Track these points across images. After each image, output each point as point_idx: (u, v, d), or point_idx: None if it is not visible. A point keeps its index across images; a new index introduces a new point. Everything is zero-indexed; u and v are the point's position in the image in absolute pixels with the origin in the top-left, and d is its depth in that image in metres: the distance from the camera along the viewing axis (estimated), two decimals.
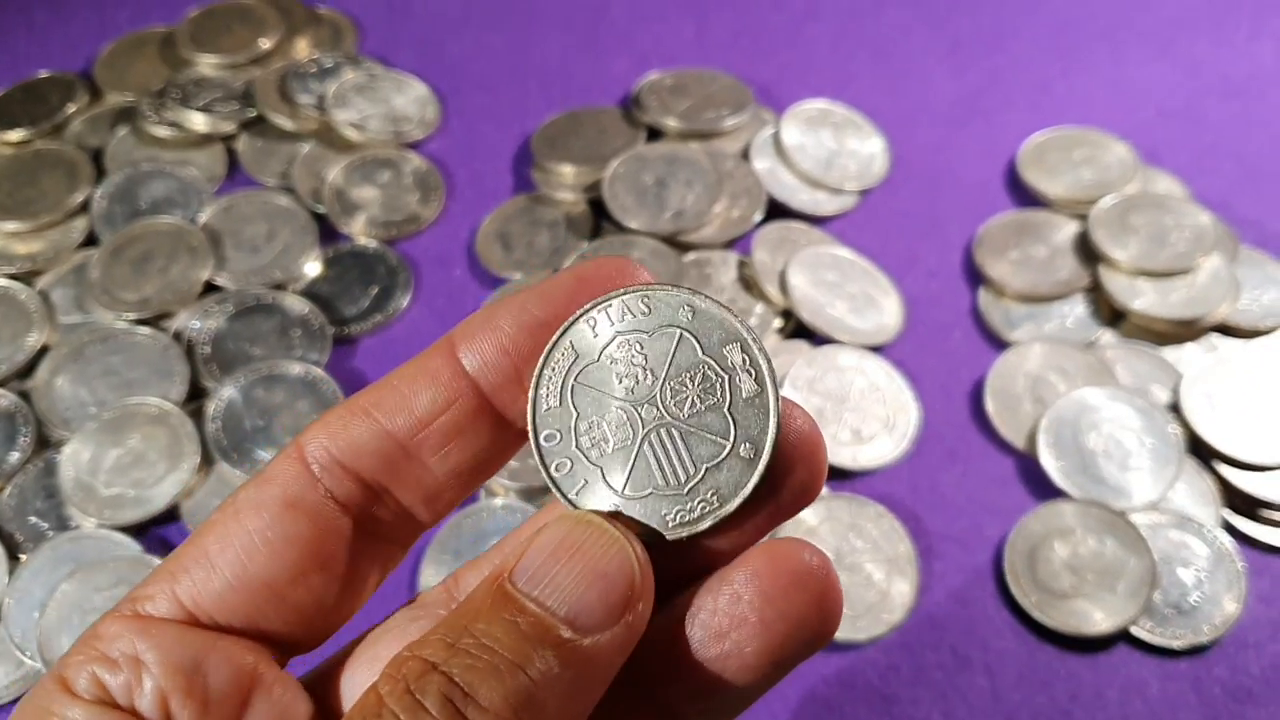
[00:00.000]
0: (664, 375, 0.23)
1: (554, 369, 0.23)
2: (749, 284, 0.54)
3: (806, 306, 0.52)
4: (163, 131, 0.60)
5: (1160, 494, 0.47)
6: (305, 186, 0.58)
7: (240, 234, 0.56)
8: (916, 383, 0.51)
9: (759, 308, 0.53)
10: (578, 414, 0.23)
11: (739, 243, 0.56)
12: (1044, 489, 0.48)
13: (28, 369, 0.51)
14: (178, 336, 0.52)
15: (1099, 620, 0.44)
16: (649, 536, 0.22)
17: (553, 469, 0.23)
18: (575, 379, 0.23)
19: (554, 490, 0.23)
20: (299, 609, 0.23)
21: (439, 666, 0.20)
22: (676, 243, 0.55)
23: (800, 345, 0.52)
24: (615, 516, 0.22)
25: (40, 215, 0.56)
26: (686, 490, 0.22)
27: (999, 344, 0.53)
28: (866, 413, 0.50)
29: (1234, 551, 0.45)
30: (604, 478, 0.23)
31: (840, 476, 0.48)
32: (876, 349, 0.52)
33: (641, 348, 0.23)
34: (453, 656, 0.20)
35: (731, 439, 0.23)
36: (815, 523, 0.46)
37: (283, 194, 0.58)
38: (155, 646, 0.22)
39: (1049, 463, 0.48)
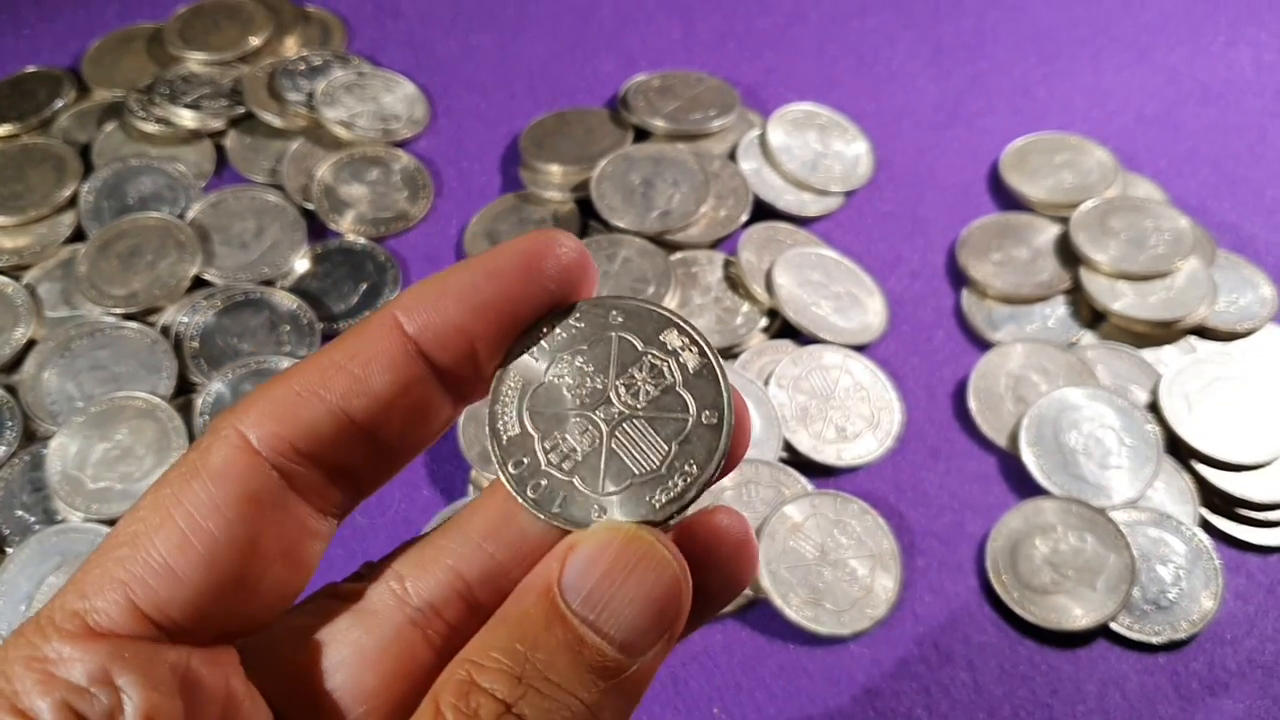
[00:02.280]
0: (612, 375, 0.24)
1: (505, 402, 0.24)
2: (735, 283, 0.54)
3: (792, 306, 0.52)
4: (151, 127, 0.60)
5: (1139, 492, 0.47)
6: (294, 183, 0.58)
7: (229, 230, 0.56)
8: (900, 382, 0.51)
9: (745, 307, 0.54)
10: (539, 435, 0.23)
11: (725, 243, 0.57)
12: (1025, 487, 0.48)
13: (14, 363, 0.51)
14: (166, 331, 0.52)
15: (1079, 616, 0.44)
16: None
17: (529, 493, 0.23)
18: (528, 405, 0.24)
19: (542, 516, 0.23)
20: (261, 600, 0.22)
21: (512, 709, 0.20)
22: (663, 242, 0.56)
23: (786, 344, 0.52)
24: (660, 536, 0.22)
25: (28, 210, 0.56)
26: (664, 470, 0.23)
27: (981, 344, 0.53)
28: (851, 411, 0.50)
29: (1211, 549, 0.46)
30: (581, 485, 0.23)
31: (825, 474, 0.49)
32: (861, 348, 0.52)
33: (584, 358, 0.24)
34: (522, 697, 0.20)
35: (693, 411, 0.23)
36: (800, 519, 0.46)
37: (271, 191, 0.58)
38: (132, 668, 0.20)
39: (1030, 461, 0.48)
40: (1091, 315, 0.54)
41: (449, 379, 0.23)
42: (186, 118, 0.60)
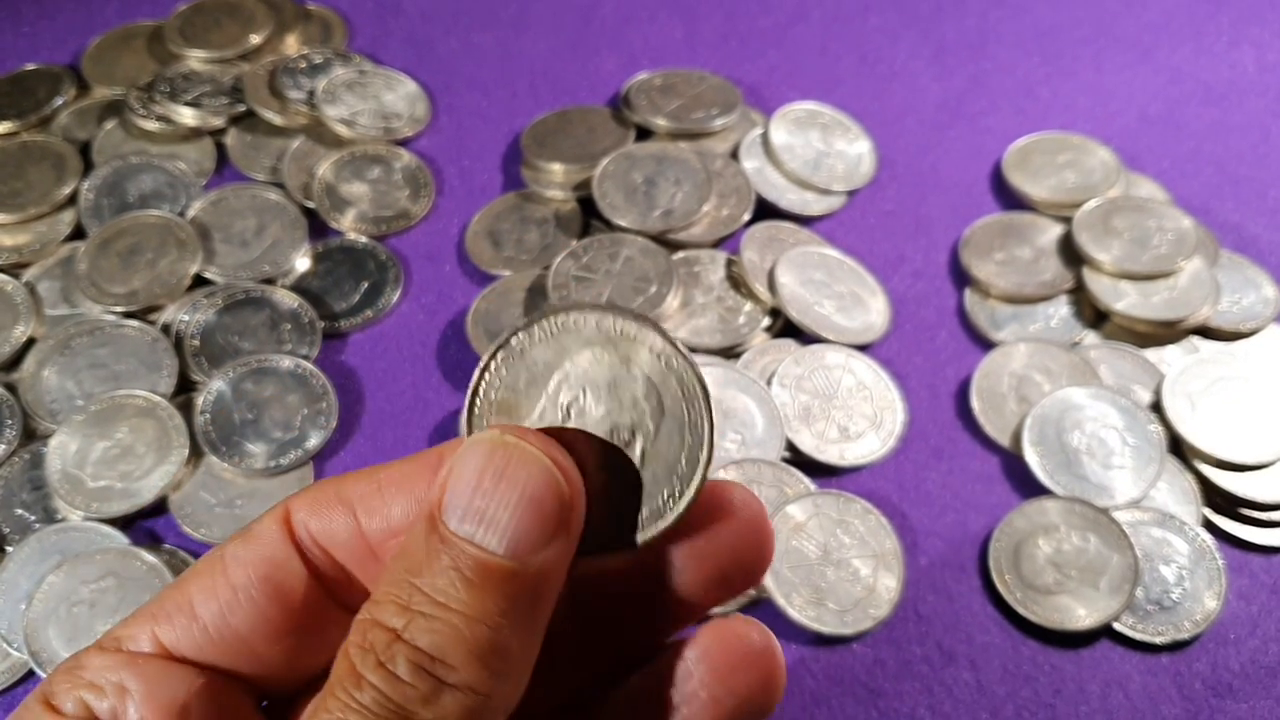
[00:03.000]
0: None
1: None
2: (737, 283, 0.54)
3: (794, 305, 0.52)
4: (151, 125, 0.60)
5: (1142, 492, 0.47)
6: (295, 182, 0.58)
7: (229, 228, 0.56)
8: (903, 381, 0.51)
9: (747, 306, 0.53)
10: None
11: (728, 242, 0.57)
12: (1028, 486, 0.48)
13: (14, 361, 0.51)
14: (166, 330, 0.52)
15: (1082, 616, 0.44)
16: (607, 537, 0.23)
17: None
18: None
19: (464, 419, 0.24)
20: (271, 665, 0.24)
21: (401, 635, 0.20)
22: (665, 241, 0.55)
23: (788, 344, 0.52)
24: (528, 432, 0.23)
25: (27, 208, 0.56)
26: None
27: (984, 344, 0.53)
28: (853, 411, 0.50)
29: (1214, 549, 0.46)
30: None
31: (827, 473, 0.49)
32: (863, 348, 0.52)
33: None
34: (411, 621, 0.20)
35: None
36: (803, 519, 0.46)
37: (272, 189, 0.58)
38: (140, 678, 0.22)
39: (1033, 461, 0.48)
40: (1094, 315, 0.54)
41: None
42: (187, 115, 0.60)
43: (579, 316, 0.23)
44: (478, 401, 0.24)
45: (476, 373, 0.24)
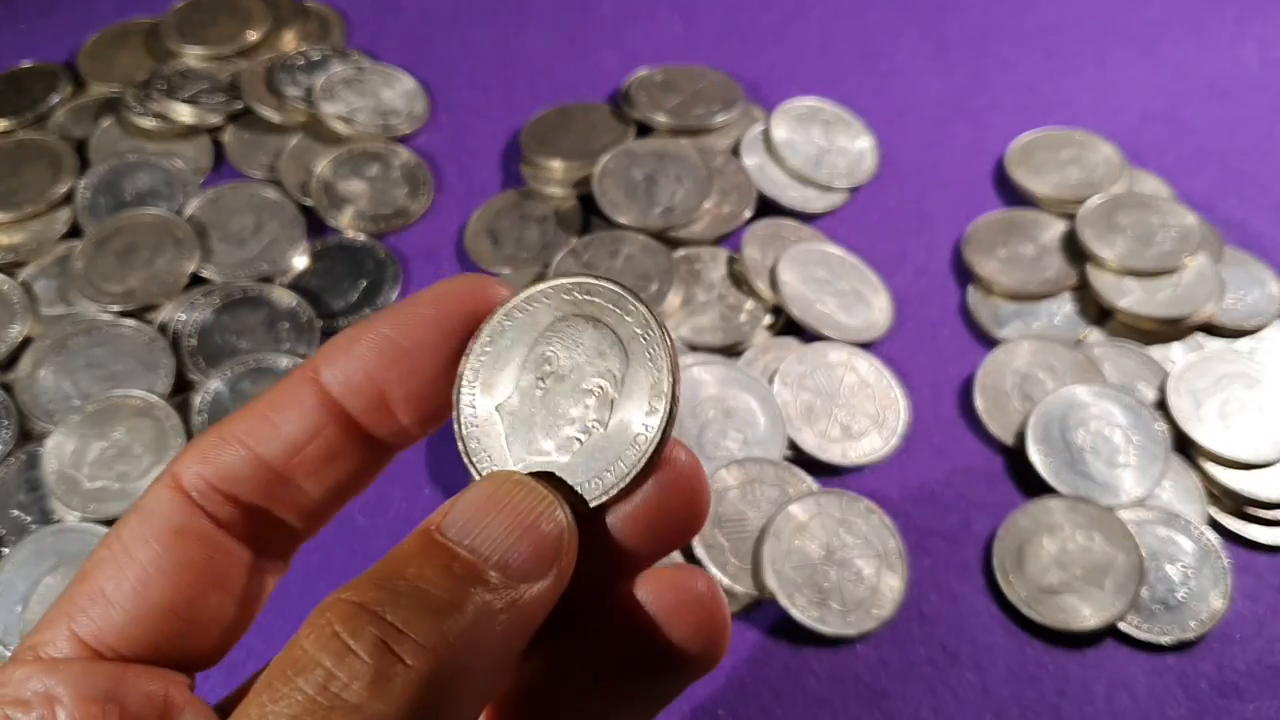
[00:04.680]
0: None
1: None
2: (739, 280, 0.54)
3: (796, 303, 0.52)
4: (148, 123, 0.60)
5: (1147, 490, 0.47)
6: (293, 179, 0.58)
7: (227, 226, 0.56)
8: (906, 379, 0.51)
9: (749, 304, 0.53)
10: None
11: (729, 239, 0.56)
12: (1032, 485, 0.48)
13: (10, 361, 0.51)
14: (163, 329, 0.52)
15: (1087, 616, 0.44)
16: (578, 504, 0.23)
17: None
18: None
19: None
20: (199, 630, 0.23)
21: (369, 606, 0.19)
22: (666, 239, 0.55)
23: (790, 342, 0.52)
24: (542, 477, 0.23)
25: (23, 206, 0.56)
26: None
27: (987, 341, 0.53)
28: (856, 409, 0.50)
29: (1220, 548, 0.46)
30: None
31: (830, 472, 0.48)
32: (866, 345, 0.52)
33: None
34: (386, 598, 0.19)
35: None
36: (806, 518, 0.46)
37: (270, 187, 0.57)
38: (65, 682, 0.22)
39: (1037, 459, 0.48)
40: (1098, 312, 0.54)
41: (369, 428, 0.24)
42: (184, 113, 0.60)
43: (538, 297, 0.24)
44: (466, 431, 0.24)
45: (455, 427, 0.24)
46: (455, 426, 0.24)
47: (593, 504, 0.23)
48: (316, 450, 0.24)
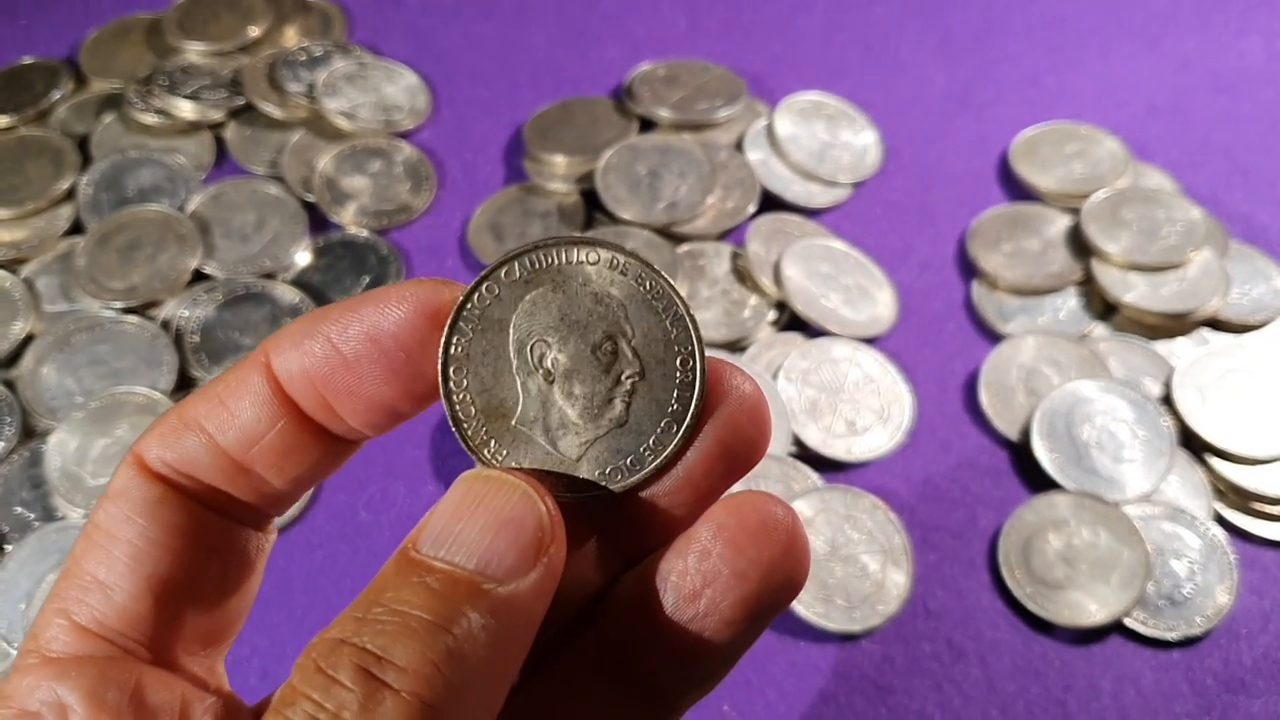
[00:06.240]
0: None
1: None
2: (743, 276, 0.54)
3: (800, 298, 0.52)
4: (150, 119, 0.59)
5: (1153, 486, 0.47)
6: (295, 175, 0.58)
7: (229, 222, 0.55)
8: (910, 375, 0.51)
9: (753, 299, 0.53)
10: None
11: (733, 234, 0.56)
12: (1038, 481, 0.48)
13: (13, 358, 0.51)
14: (166, 325, 0.51)
15: (1093, 611, 0.44)
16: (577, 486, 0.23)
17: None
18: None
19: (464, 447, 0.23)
20: (202, 599, 0.23)
21: (348, 640, 0.19)
22: (670, 234, 0.55)
23: (794, 337, 0.52)
24: (515, 471, 0.22)
25: (25, 202, 0.55)
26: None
27: (992, 336, 0.53)
28: (861, 405, 0.49)
29: (1226, 543, 0.46)
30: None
31: (835, 468, 0.48)
32: (870, 341, 0.52)
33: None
34: (363, 628, 0.19)
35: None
36: (810, 514, 0.45)
37: (272, 183, 0.57)
38: (77, 688, 0.21)
39: (1043, 455, 0.48)
40: (1103, 307, 0.53)
41: (324, 424, 0.23)
42: (186, 109, 0.59)
43: (491, 284, 0.23)
44: (465, 428, 0.23)
45: (446, 408, 0.23)
46: (461, 443, 0.23)
47: (649, 465, 0.22)
48: (274, 443, 0.23)
